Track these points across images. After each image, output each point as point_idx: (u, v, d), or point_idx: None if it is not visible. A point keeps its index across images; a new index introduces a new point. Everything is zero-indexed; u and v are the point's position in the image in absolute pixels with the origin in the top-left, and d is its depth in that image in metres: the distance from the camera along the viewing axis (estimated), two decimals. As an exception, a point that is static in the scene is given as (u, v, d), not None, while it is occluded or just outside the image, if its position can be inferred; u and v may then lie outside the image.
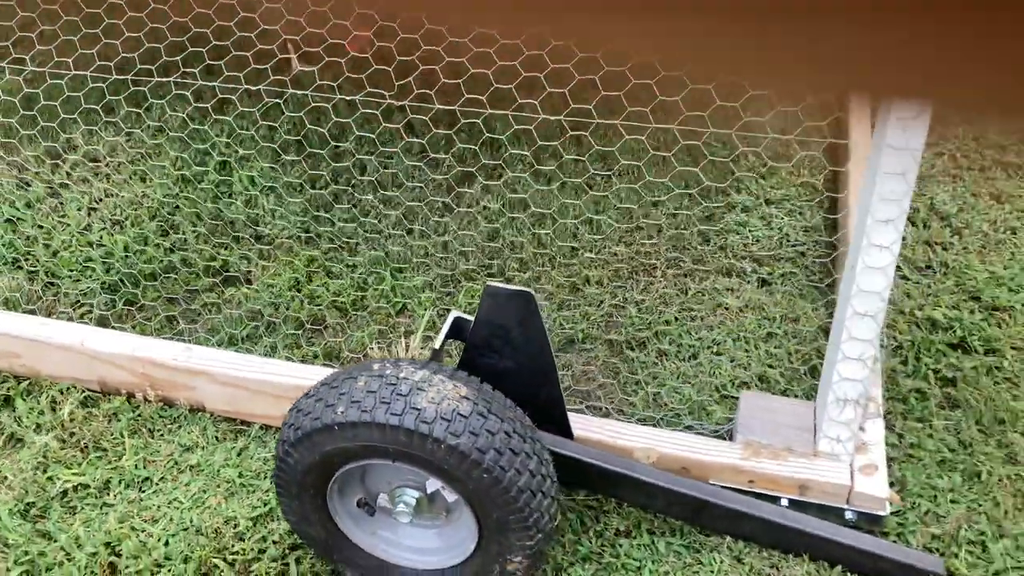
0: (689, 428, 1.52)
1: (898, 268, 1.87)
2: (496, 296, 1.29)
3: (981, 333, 1.69)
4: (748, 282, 1.84)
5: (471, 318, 1.35)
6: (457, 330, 1.40)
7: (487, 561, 1.27)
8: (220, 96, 2.26)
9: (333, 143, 2.20)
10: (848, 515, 1.38)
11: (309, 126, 2.19)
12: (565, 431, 1.41)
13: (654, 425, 1.52)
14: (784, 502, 1.39)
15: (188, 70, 2.22)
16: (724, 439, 1.48)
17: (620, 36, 0.26)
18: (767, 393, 1.58)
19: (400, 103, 2.14)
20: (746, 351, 1.69)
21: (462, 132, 2.17)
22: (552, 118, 2.09)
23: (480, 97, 2.11)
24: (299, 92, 2.30)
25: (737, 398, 1.55)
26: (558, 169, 2.09)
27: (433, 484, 1.26)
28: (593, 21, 0.26)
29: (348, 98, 2.18)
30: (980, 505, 1.42)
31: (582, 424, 1.45)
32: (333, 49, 2.17)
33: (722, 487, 1.39)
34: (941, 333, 1.72)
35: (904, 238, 1.92)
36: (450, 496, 1.26)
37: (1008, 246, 1.90)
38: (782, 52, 0.25)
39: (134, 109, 2.28)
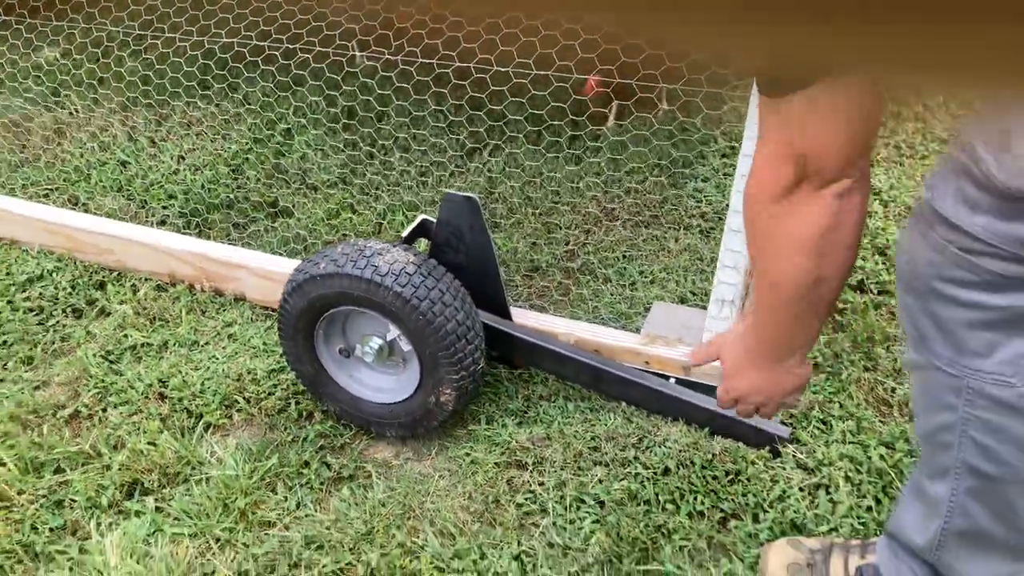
0: (605, 323, 1.90)
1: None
2: (451, 200, 1.71)
3: (878, 278, 2.01)
4: (692, 234, 2.20)
5: (435, 220, 1.77)
6: (425, 231, 1.82)
7: (426, 393, 1.67)
8: (293, 73, 2.79)
9: (376, 116, 2.69)
10: (722, 393, 1.72)
11: (362, 97, 2.69)
12: (505, 316, 1.81)
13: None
14: (672, 380, 1.75)
15: (277, 47, 2.76)
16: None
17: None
18: (675, 303, 1.94)
19: (438, 90, 2.61)
20: (676, 281, 2.05)
21: (484, 113, 2.62)
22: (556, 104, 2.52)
23: (502, 88, 2.57)
24: (364, 80, 2.81)
25: (657, 311, 1.91)
26: (559, 140, 2.51)
27: (392, 333, 1.67)
28: None
29: (397, 84, 2.66)
30: (835, 396, 1.74)
31: (521, 314, 1.85)
32: (391, 47, 2.67)
33: (624, 371, 1.75)
34: (845, 277, 2.03)
35: (836, 207, 2.26)
36: (405, 347, 1.68)
37: (925, 217, 2.20)
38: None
39: (231, 76, 2.83)
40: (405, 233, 1.77)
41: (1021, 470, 0.98)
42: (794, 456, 1.63)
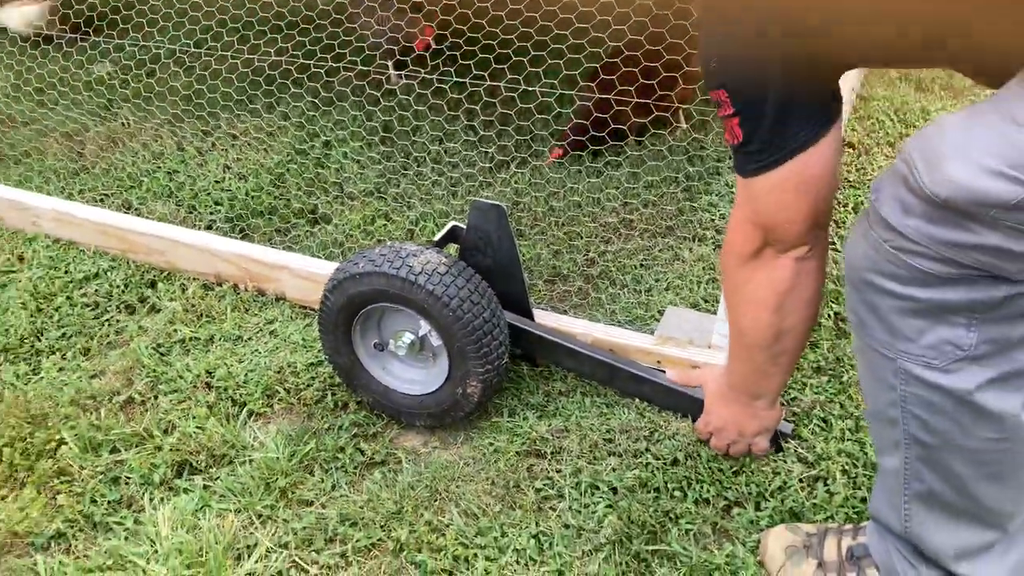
0: (621, 325, 2.02)
1: (832, 242, 2.32)
2: (479, 208, 1.84)
3: (881, 289, 2.12)
4: (706, 244, 2.33)
5: (465, 226, 1.90)
6: (455, 236, 1.96)
7: (453, 385, 1.80)
8: (335, 90, 2.95)
9: (411, 130, 2.85)
10: (729, 392, 1.84)
11: (398, 113, 2.84)
12: (528, 317, 1.94)
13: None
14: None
15: (316, 68, 2.93)
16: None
17: None
18: (688, 308, 2.06)
19: (470, 107, 2.77)
20: (690, 288, 2.17)
21: (512, 128, 2.77)
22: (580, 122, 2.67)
23: (530, 106, 2.72)
24: (400, 97, 2.97)
25: (672, 317, 2.03)
26: (582, 155, 2.66)
27: (423, 328, 1.81)
28: None
29: (432, 102, 2.82)
30: (836, 397, 1.86)
31: (542, 316, 1.98)
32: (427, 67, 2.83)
33: (636, 369, 1.87)
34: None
35: (844, 222, 2.38)
36: (435, 342, 1.81)
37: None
38: None
39: (278, 92, 3.00)
40: (437, 237, 1.91)
41: (952, 438, 1.12)
42: (795, 451, 1.74)
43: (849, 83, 2.94)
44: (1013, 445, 1.14)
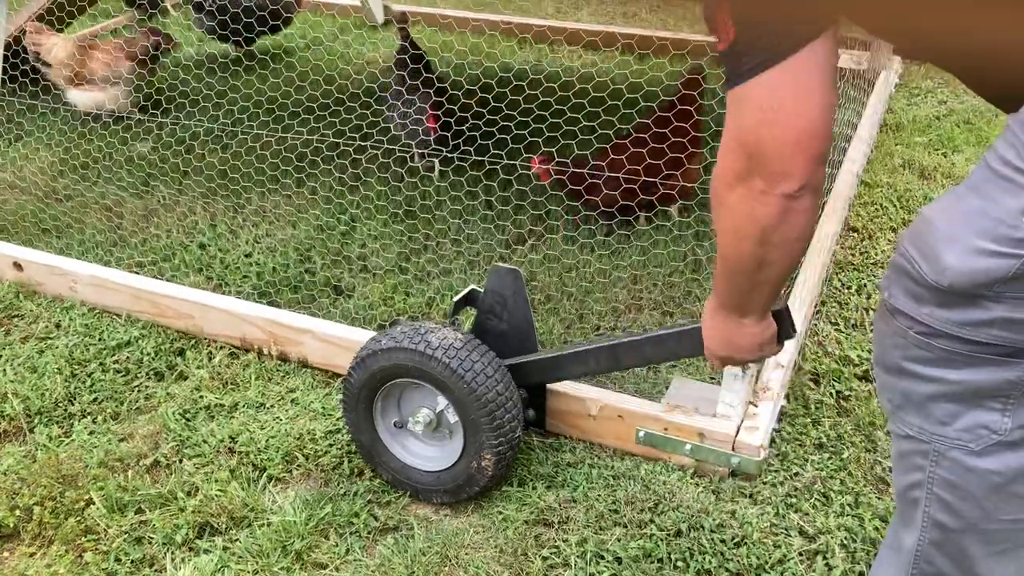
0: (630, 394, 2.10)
1: (836, 323, 2.39)
2: (497, 272, 1.93)
3: (882, 368, 2.18)
4: (713, 321, 2.41)
5: (482, 290, 1.99)
6: (472, 300, 2.04)
7: (468, 459, 1.87)
8: (362, 167, 3.10)
9: (434, 204, 2.98)
10: (733, 460, 1.89)
11: (421, 190, 2.98)
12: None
13: (606, 395, 2.09)
14: (687, 447, 1.93)
15: (347, 147, 3.09)
16: (656, 409, 2.04)
17: None
18: (693, 379, 2.13)
19: (488, 183, 2.90)
20: (696, 363, 2.25)
21: (528, 205, 2.90)
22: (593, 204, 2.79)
23: (543, 183, 2.85)
24: (424, 174, 3.11)
25: (679, 391, 2.11)
26: (592, 228, 2.77)
27: (440, 404, 1.89)
28: None
29: (453, 178, 2.96)
30: (837, 474, 1.91)
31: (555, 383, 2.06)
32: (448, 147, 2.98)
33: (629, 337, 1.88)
34: (851, 367, 2.21)
35: (847, 303, 2.46)
36: (452, 418, 1.89)
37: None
38: None
39: (309, 168, 3.15)
40: (456, 299, 1.98)
41: (975, 522, 1.16)
42: (798, 524, 1.79)
43: (854, 168, 3.05)
44: None
